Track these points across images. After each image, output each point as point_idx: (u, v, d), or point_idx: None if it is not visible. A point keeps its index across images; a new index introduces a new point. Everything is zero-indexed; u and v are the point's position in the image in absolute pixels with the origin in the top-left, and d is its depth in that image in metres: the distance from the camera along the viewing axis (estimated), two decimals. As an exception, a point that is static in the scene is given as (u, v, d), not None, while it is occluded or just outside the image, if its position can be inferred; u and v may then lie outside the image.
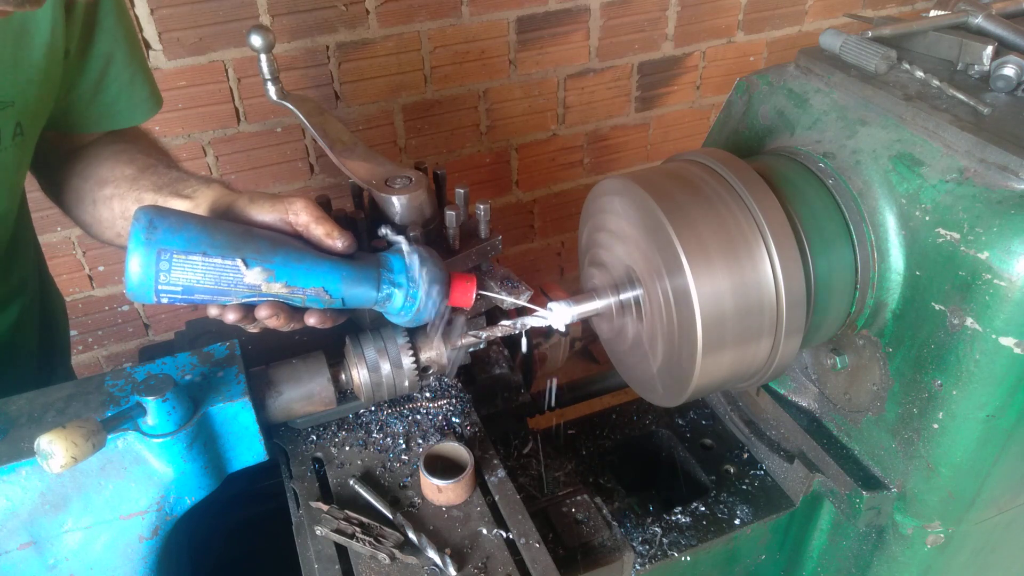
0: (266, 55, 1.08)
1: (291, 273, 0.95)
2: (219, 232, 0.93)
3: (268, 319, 0.97)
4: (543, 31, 2.52)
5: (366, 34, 2.29)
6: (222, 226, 0.94)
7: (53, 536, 0.96)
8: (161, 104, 1.29)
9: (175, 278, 0.90)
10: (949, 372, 1.03)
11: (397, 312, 1.03)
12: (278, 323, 0.98)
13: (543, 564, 1.03)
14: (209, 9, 2.11)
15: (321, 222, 0.98)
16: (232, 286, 0.93)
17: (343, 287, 0.98)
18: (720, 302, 0.99)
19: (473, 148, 2.67)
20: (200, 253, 0.90)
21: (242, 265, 0.92)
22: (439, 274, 1.02)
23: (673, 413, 1.56)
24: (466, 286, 1.05)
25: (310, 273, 0.96)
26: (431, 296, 1.01)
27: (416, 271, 1.00)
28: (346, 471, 1.16)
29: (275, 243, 0.95)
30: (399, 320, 1.04)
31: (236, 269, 0.92)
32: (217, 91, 2.25)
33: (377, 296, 1.00)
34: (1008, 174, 0.98)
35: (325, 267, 0.97)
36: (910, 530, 1.20)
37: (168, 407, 0.94)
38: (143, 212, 0.90)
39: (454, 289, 1.04)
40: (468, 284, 1.05)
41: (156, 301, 0.92)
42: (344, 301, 0.99)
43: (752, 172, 1.07)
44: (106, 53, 1.15)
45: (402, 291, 1.00)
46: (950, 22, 1.23)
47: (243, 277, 0.92)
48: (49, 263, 2.30)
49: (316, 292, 0.96)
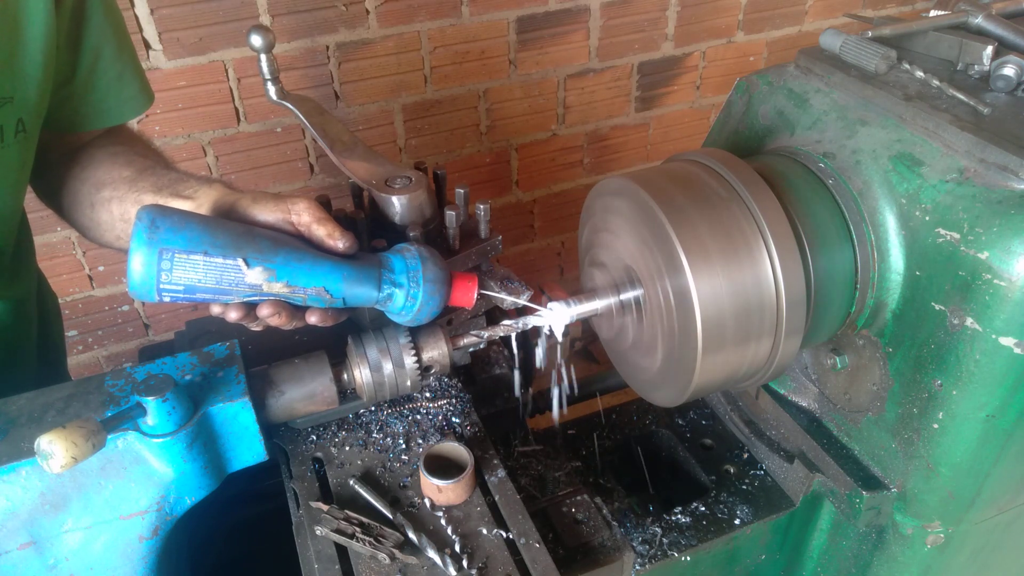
0: (266, 55, 1.08)
1: (292, 273, 0.95)
2: (221, 232, 0.93)
3: (270, 318, 0.97)
4: (543, 31, 2.52)
5: (366, 34, 2.29)
6: (224, 225, 0.94)
7: (53, 536, 0.96)
8: (152, 99, 1.28)
9: (177, 277, 0.90)
10: (949, 372, 1.03)
11: (398, 312, 1.03)
12: (280, 322, 0.98)
13: (543, 564, 1.03)
14: (209, 9, 2.11)
15: (323, 223, 0.98)
16: (234, 285, 0.93)
17: (344, 287, 0.98)
18: (720, 302, 0.99)
19: (473, 148, 2.67)
20: (202, 252, 0.90)
21: (243, 265, 0.92)
22: (440, 274, 1.02)
23: (673, 413, 1.56)
24: (467, 285, 1.05)
25: (311, 273, 0.96)
26: (432, 296, 1.01)
27: (417, 271, 1.00)
28: (346, 471, 1.16)
29: (277, 243, 0.95)
30: (400, 319, 1.05)
31: (237, 269, 0.92)
32: (217, 91, 2.25)
33: (378, 296, 1.01)
34: (1008, 174, 0.98)
35: (326, 267, 0.97)
36: (910, 530, 1.20)
37: (168, 407, 0.94)
38: (145, 211, 0.90)
39: (455, 289, 1.05)
40: (469, 284, 1.05)
41: (158, 300, 0.92)
42: (345, 300, 0.99)
43: (752, 172, 1.07)
44: (95, 48, 1.15)
45: (403, 291, 1.00)
46: (950, 22, 1.23)
47: (244, 277, 0.93)
48: (49, 263, 2.31)
49: (317, 292, 0.97)
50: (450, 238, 1.21)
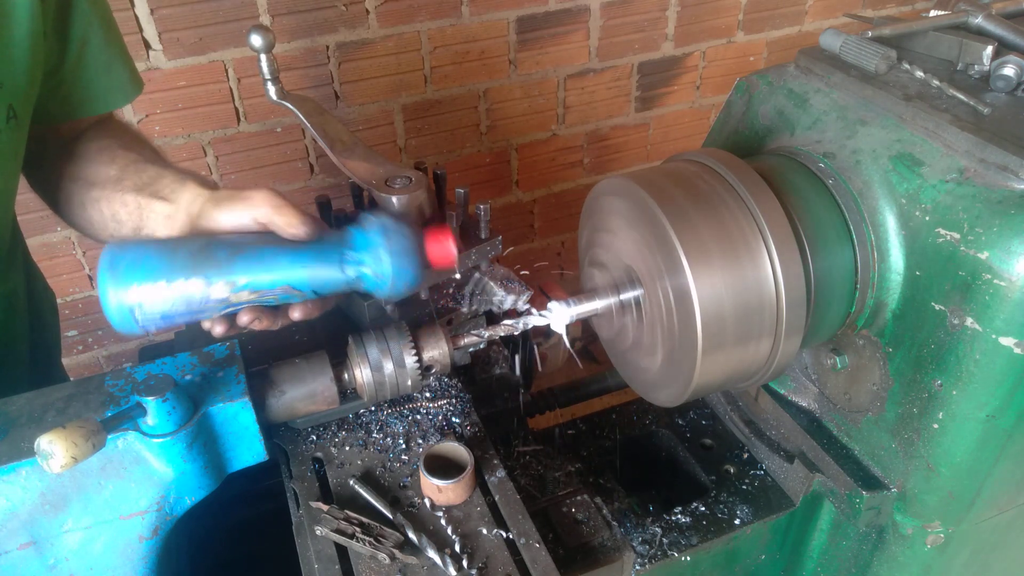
0: (266, 55, 1.08)
1: (254, 279, 0.94)
2: (178, 255, 0.92)
3: (252, 324, 0.97)
4: (543, 31, 2.52)
5: (366, 34, 2.30)
6: (182, 246, 0.94)
7: (53, 536, 0.96)
8: (141, 87, 1.29)
9: (150, 309, 0.91)
10: (949, 372, 1.03)
11: (374, 289, 0.99)
12: (264, 325, 0.98)
13: (543, 564, 1.03)
14: (209, 9, 2.11)
15: (280, 211, 0.96)
16: (204, 304, 0.93)
17: (308, 280, 0.96)
18: (720, 302, 0.99)
19: (473, 148, 2.67)
20: (163, 281, 0.90)
21: (204, 284, 0.92)
22: (405, 243, 0.96)
23: (673, 413, 1.56)
24: (441, 244, 0.99)
25: (272, 274, 0.94)
26: (403, 268, 0.96)
27: (378, 246, 0.95)
28: (346, 471, 1.16)
29: (234, 251, 0.94)
30: (381, 295, 1.00)
31: (200, 288, 0.92)
32: (217, 91, 2.25)
33: (347, 277, 0.97)
34: (1008, 174, 0.98)
35: (284, 263, 0.95)
36: (910, 530, 1.20)
37: (168, 407, 0.94)
38: (105, 252, 0.91)
39: (430, 252, 0.99)
40: (443, 241, 0.99)
41: (146, 332, 0.93)
42: (315, 292, 0.97)
43: (752, 172, 1.07)
44: (82, 36, 1.15)
45: (369, 268, 0.96)
46: (950, 22, 1.23)
47: (209, 294, 0.92)
48: (49, 263, 2.31)
49: (284, 291, 0.96)
50: (450, 238, 1.21)
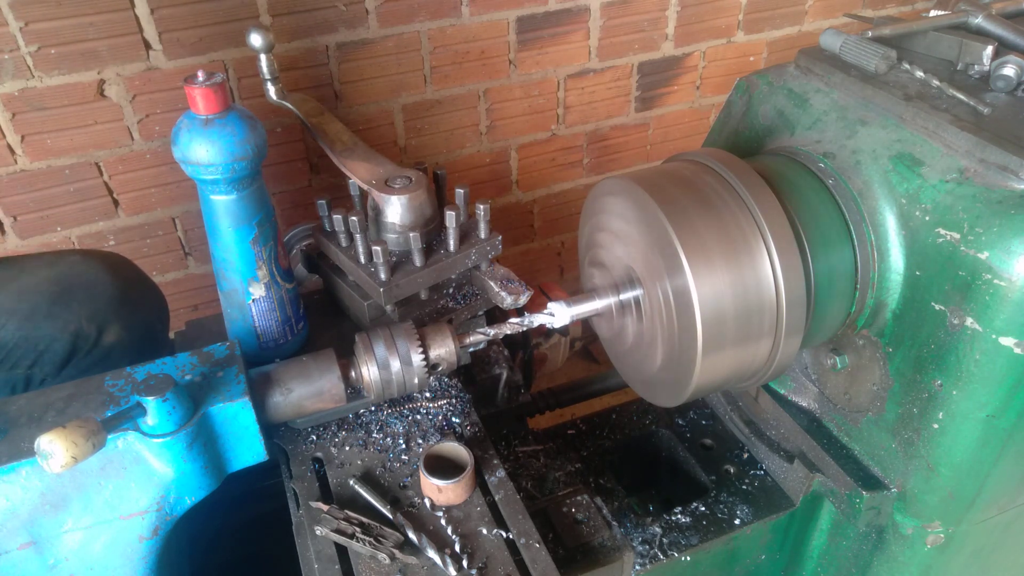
0: (266, 55, 1.08)
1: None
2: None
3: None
4: (543, 31, 2.52)
5: (366, 34, 2.29)
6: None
7: (53, 536, 0.96)
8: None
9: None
10: (949, 372, 1.03)
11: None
12: None
13: (543, 564, 1.03)
14: (209, 9, 2.10)
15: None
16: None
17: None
18: (720, 302, 0.99)
19: (473, 148, 2.67)
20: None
21: None
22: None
23: (673, 413, 1.56)
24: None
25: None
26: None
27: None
28: (346, 471, 1.16)
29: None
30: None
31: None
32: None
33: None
34: (1008, 174, 0.98)
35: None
36: (910, 530, 1.20)
37: (168, 407, 0.94)
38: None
39: None
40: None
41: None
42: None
43: (752, 172, 1.07)
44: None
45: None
46: (950, 22, 1.23)
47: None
48: (49, 263, 2.30)
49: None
50: (450, 238, 1.21)
